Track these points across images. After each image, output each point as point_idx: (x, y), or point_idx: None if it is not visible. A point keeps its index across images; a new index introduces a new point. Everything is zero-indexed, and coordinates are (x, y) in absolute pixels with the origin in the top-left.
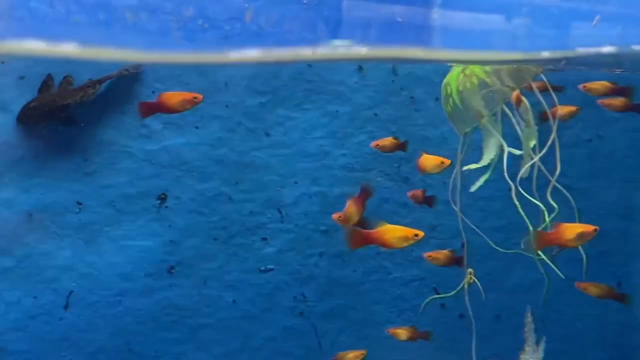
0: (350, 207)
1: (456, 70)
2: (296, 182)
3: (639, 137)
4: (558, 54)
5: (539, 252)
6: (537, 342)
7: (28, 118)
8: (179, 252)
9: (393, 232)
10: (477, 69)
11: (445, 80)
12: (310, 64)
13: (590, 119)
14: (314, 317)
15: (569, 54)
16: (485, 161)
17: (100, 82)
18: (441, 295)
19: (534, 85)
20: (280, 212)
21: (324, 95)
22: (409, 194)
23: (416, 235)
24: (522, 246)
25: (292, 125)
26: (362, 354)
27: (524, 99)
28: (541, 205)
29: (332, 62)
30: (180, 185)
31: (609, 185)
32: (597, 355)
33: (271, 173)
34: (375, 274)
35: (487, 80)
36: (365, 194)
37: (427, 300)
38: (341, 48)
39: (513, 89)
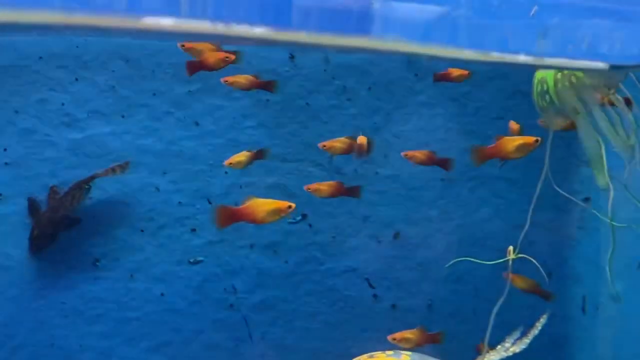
0: None
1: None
2: (226, 173)
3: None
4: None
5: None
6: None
7: (39, 246)
8: (104, 244)
9: (263, 206)
10: None
11: (540, 77)
12: (239, 51)
13: (521, 110)
14: (244, 309)
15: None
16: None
17: (86, 182)
18: (478, 261)
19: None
20: (210, 203)
21: None
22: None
23: (289, 207)
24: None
25: (222, 114)
26: None
27: (630, 96)
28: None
29: (263, 49)
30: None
31: (538, 175)
32: (528, 344)
33: (200, 163)
34: (307, 264)
35: (586, 80)
36: None
37: (453, 260)
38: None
39: (609, 88)
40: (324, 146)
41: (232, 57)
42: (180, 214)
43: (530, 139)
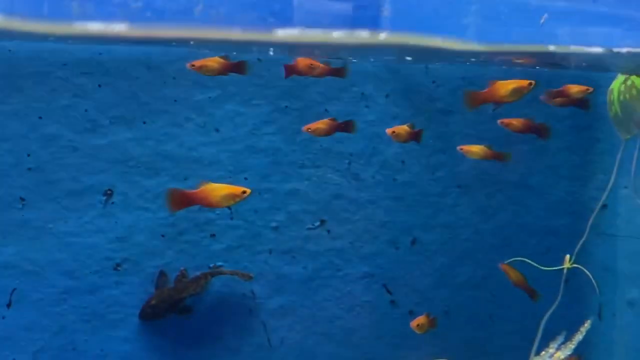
0: None
1: (620, 78)
2: (246, 178)
3: (584, 134)
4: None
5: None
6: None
7: (150, 315)
8: (126, 249)
9: (218, 191)
10: (637, 81)
11: (610, 87)
12: (260, 58)
13: (538, 117)
14: (263, 314)
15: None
16: None
17: (212, 274)
18: (535, 264)
19: None
20: (230, 209)
21: (274, 91)
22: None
23: (244, 192)
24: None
25: (242, 120)
26: None
27: None
28: None
29: (283, 57)
30: (126, 181)
31: (556, 182)
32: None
33: (220, 169)
34: (325, 270)
35: None
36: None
37: (511, 259)
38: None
39: None
40: (309, 129)
41: (317, 63)
42: (200, 219)
43: (524, 82)
